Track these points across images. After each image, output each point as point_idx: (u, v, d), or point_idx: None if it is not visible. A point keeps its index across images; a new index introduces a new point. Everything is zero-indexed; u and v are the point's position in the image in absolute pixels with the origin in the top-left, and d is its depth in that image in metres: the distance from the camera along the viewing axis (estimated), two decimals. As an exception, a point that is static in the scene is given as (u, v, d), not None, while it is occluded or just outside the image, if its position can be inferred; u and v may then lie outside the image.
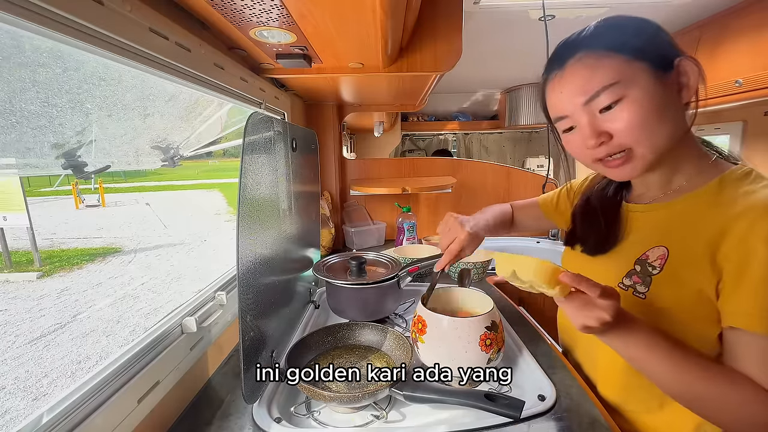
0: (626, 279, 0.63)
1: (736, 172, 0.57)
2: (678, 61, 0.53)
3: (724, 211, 0.54)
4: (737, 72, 1.27)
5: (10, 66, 0.46)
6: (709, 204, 0.56)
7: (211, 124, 1.07)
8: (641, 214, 0.65)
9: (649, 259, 0.60)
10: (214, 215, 9.66)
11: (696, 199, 0.58)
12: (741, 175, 0.56)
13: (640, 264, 0.61)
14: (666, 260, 0.58)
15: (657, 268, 0.59)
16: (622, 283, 0.63)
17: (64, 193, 13.62)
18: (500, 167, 1.85)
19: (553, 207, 0.92)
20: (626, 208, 0.68)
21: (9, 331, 3.53)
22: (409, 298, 1.08)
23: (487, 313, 0.66)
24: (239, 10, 0.61)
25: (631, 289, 0.62)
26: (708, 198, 0.57)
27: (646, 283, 0.60)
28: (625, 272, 0.63)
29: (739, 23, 1.27)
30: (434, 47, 0.99)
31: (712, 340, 0.56)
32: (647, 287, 0.59)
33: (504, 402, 0.54)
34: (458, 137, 3.81)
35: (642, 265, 0.61)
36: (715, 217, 0.54)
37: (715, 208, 0.55)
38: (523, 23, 1.40)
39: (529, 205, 0.98)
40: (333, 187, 1.70)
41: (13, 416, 2.45)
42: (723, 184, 0.57)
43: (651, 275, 0.59)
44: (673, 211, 0.60)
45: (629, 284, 0.62)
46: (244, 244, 0.56)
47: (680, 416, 0.60)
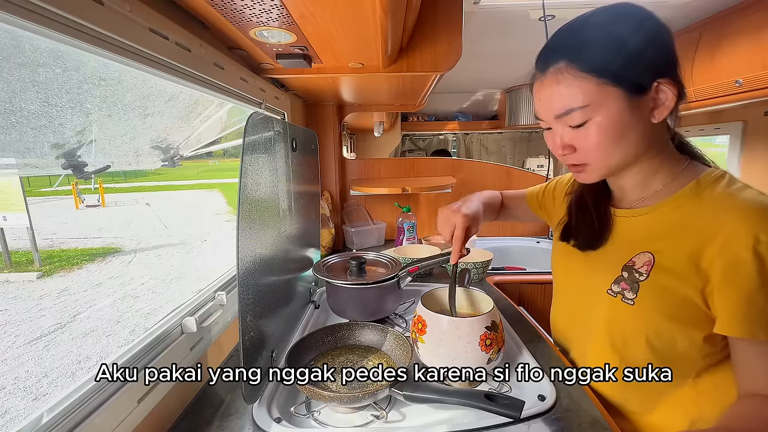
0: (614, 286, 0.64)
1: (711, 174, 0.58)
2: (656, 85, 0.53)
3: (705, 216, 0.55)
4: (737, 72, 1.27)
5: (10, 66, 0.46)
6: (690, 209, 0.57)
7: (211, 124, 1.07)
8: (625, 219, 0.66)
9: (636, 265, 0.61)
10: (214, 215, 9.66)
11: (674, 203, 0.59)
12: (716, 178, 0.57)
13: (627, 270, 0.62)
14: (652, 267, 0.59)
15: (644, 275, 0.59)
16: (610, 289, 0.64)
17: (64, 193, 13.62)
18: (500, 167, 1.85)
19: (537, 201, 0.93)
20: (612, 212, 0.69)
21: (9, 331, 3.53)
22: (409, 298, 1.08)
23: (487, 313, 0.66)
24: (239, 10, 0.61)
25: (619, 296, 0.62)
26: (686, 202, 0.58)
27: (633, 289, 0.60)
28: (613, 279, 0.64)
29: (739, 23, 1.27)
30: (434, 47, 0.99)
31: (699, 344, 0.57)
32: (635, 293, 0.60)
33: (504, 402, 0.54)
34: (458, 137, 3.81)
35: (629, 272, 0.62)
36: (697, 221, 0.55)
37: (696, 213, 0.56)
38: (523, 23, 1.40)
39: (518, 196, 1.00)
40: (333, 187, 1.70)
41: (13, 416, 2.45)
42: (700, 188, 0.58)
43: (638, 281, 0.60)
44: (656, 217, 0.61)
45: (618, 291, 0.63)
46: (244, 244, 0.56)
47: (674, 414, 0.62)
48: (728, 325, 0.52)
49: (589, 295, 0.69)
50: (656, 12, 0.55)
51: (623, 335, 0.63)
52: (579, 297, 0.73)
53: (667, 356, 0.59)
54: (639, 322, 0.60)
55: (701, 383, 0.60)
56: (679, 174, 0.61)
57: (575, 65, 0.54)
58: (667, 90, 0.53)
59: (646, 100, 0.54)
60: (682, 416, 0.61)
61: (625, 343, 0.63)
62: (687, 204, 0.57)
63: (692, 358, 0.59)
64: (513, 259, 1.71)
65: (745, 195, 0.53)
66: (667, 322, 0.58)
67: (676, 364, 0.60)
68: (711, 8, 1.32)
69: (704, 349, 0.58)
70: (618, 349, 0.64)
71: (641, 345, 0.61)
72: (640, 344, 0.61)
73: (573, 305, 0.76)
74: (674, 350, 0.59)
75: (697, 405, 0.60)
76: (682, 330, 0.57)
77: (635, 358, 0.62)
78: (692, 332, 0.57)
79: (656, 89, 0.53)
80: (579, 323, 0.74)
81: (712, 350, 0.58)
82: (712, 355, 0.58)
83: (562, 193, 0.82)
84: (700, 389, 0.60)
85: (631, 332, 0.62)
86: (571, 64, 0.54)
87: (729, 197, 0.54)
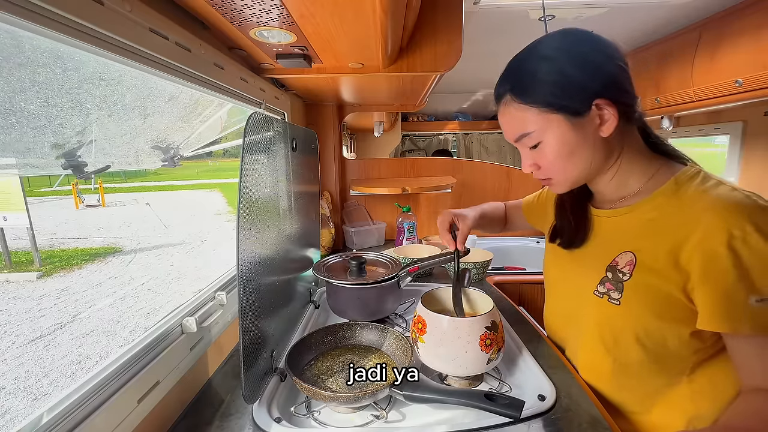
0: (600, 287, 0.65)
1: (686, 173, 0.59)
2: (595, 103, 0.56)
3: (681, 214, 0.56)
4: (737, 72, 1.27)
5: (10, 66, 0.46)
6: (667, 208, 0.58)
7: (211, 124, 1.07)
8: (606, 219, 0.68)
9: (619, 265, 0.62)
10: (215, 215, 9.66)
11: (652, 202, 0.60)
12: (691, 176, 0.59)
13: (611, 271, 0.63)
14: (634, 266, 0.60)
15: (627, 274, 0.61)
16: (596, 290, 0.65)
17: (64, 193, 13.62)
18: (500, 167, 1.85)
19: (530, 209, 0.97)
20: (593, 213, 0.71)
21: (9, 331, 3.53)
22: (409, 298, 1.08)
23: (487, 313, 0.66)
24: (239, 10, 0.61)
25: (605, 296, 0.63)
26: (664, 201, 0.59)
27: (618, 289, 0.61)
28: (599, 279, 0.65)
29: (739, 23, 1.27)
30: (434, 47, 0.99)
31: (686, 339, 0.58)
32: (620, 293, 0.61)
33: (504, 402, 0.54)
34: (458, 137, 3.81)
35: (613, 272, 0.63)
36: (673, 219, 0.57)
37: (673, 212, 0.57)
38: (523, 23, 1.40)
39: (516, 206, 1.04)
40: (333, 187, 1.70)
41: (13, 416, 2.45)
42: (677, 186, 0.59)
43: (622, 281, 0.61)
44: (635, 216, 0.62)
45: (603, 292, 0.64)
46: (244, 244, 0.56)
47: (672, 413, 0.62)
48: (709, 320, 0.53)
49: (578, 296, 0.71)
50: (656, 12, 0.55)
51: (613, 335, 0.64)
52: (569, 298, 0.75)
53: (659, 354, 0.60)
54: (627, 322, 0.61)
55: (696, 380, 0.60)
56: (655, 174, 0.62)
57: (517, 97, 0.60)
58: (607, 109, 0.56)
59: (590, 119, 0.57)
60: (679, 415, 0.61)
61: (616, 342, 0.63)
62: (664, 203, 0.59)
63: (684, 355, 0.59)
64: (513, 259, 1.71)
65: (718, 191, 0.54)
66: (655, 320, 0.58)
67: (669, 362, 0.60)
68: (711, 8, 1.32)
69: (693, 345, 0.58)
70: (610, 349, 0.64)
71: (632, 344, 0.61)
72: (631, 343, 0.61)
73: (564, 306, 0.78)
74: (665, 348, 0.59)
75: (694, 402, 0.60)
76: (671, 327, 0.58)
77: (627, 357, 0.62)
78: (681, 329, 0.58)
79: (597, 108, 0.56)
80: (571, 324, 0.75)
81: (702, 345, 0.58)
82: (703, 351, 0.59)
83: (552, 200, 0.84)
84: (695, 387, 0.60)
85: (621, 332, 0.62)
86: (513, 96, 0.60)
87: (703, 194, 0.55)
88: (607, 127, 0.57)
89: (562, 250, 0.76)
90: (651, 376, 0.62)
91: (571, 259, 0.74)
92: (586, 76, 0.56)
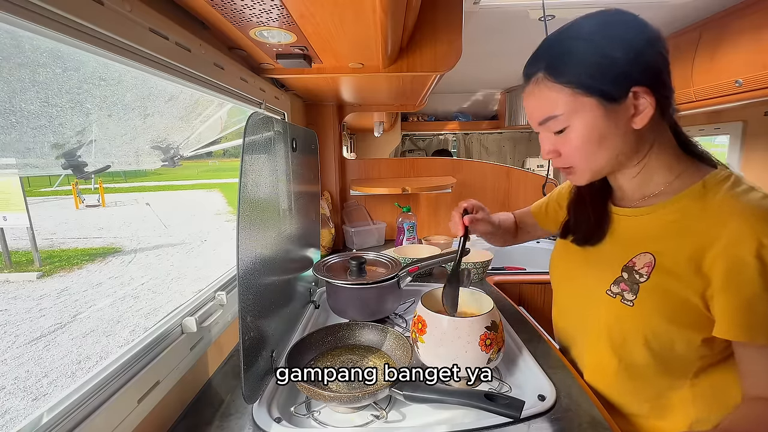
0: (614, 286, 0.63)
1: (716, 176, 0.57)
2: (633, 90, 0.53)
3: (707, 218, 0.54)
4: (737, 72, 1.27)
5: (10, 66, 0.46)
6: (692, 210, 0.56)
7: (211, 124, 1.07)
8: (626, 218, 0.65)
9: (636, 266, 0.61)
10: (215, 215, 9.66)
11: (677, 204, 0.58)
12: (721, 179, 0.57)
13: (627, 271, 0.62)
14: (653, 268, 0.58)
15: (644, 276, 0.59)
16: (610, 290, 0.64)
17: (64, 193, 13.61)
18: (500, 167, 1.85)
19: (544, 213, 0.93)
20: (612, 210, 0.68)
21: (9, 331, 3.53)
22: (409, 298, 1.08)
23: (487, 313, 0.66)
24: (239, 10, 0.61)
25: (619, 297, 0.62)
26: (689, 203, 0.57)
27: (633, 290, 0.60)
28: (613, 279, 0.63)
29: (739, 23, 1.27)
30: (434, 47, 0.98)
31: (696, 346, 0.57)
32: (635, 295, 0.60)
33: (504, 402, 0.54)
34: (458, 137, 3.81)
35: (629, 273, 0.61)
36: (699, 224, 0.55)
37: (698, 215, 0.55)
38: (523, 23, 1.41)
39: (525, 213, 1.00)
40: (333, 187, 1.70)
41: (13, 416, 2.45)
42: (705, 189, 0.57)
43: (638, 283, 0.60)
44: (657, 217, 0.61)
45: (617, 292, 0.62)
46: (244, 244, 0.56)
47: (673, 416, 0.62)
48: (727, 328, 0.52)
49: (588, 295, 0.69)
50: (656, 12, 0.55)
51: (623, 336, 0.63)
52: (578, 297, 0.73)
53: (665, 357, 0.59)
54: (638, 324, 0.60)
55: (699, 385, 0.60)
56: (681, 175, 0.60)
57: (550, 76, 0.56)
58: (645, 98, 0.54)
59: (624, 107, 0.54)
60: (681, 418, 0.61)
61: (624, 343, 0.63)
62: (690, 205, 0.57)
63: (690, 359, 0.59)
64: (513, 259, 1.71)
65: (749, 197, 0.52)
66: (666, 324, 0.57)
67: (673, 365, 0.60)
68: (711, 8, 1.32)
69: (701, 350, 0.57)
70: (616, 350, 0.64)
71: (639, 346, 0.60)
72: (638, 345, 0.60)
73: (573, 305, 0.76)
74: (672, 352, 0.58)
75: (695, 406, 0.60)
76: (681, 332, 0.57)
77: (633, 359, 0.62)
78: (691, 334, 0.57)
79: (634, 97, 0.54)
80: (579, 323, 0.74)
81: (710, 352, 0.58)
82: (708, 357, 0.58)
83: (565, 200, 0.82)
84: (698, 390, 0.60)
85: (630, 333, 0.61)
86: (547, 75, 0.57)
87: (733, 199, 0.53)
88: (641, 117, 0.54)
89: (574, 246, 0.73)
90: (655, 378, 0.61)
91: (584, 257, 0.71)
92: (628, 60, 0.53)
